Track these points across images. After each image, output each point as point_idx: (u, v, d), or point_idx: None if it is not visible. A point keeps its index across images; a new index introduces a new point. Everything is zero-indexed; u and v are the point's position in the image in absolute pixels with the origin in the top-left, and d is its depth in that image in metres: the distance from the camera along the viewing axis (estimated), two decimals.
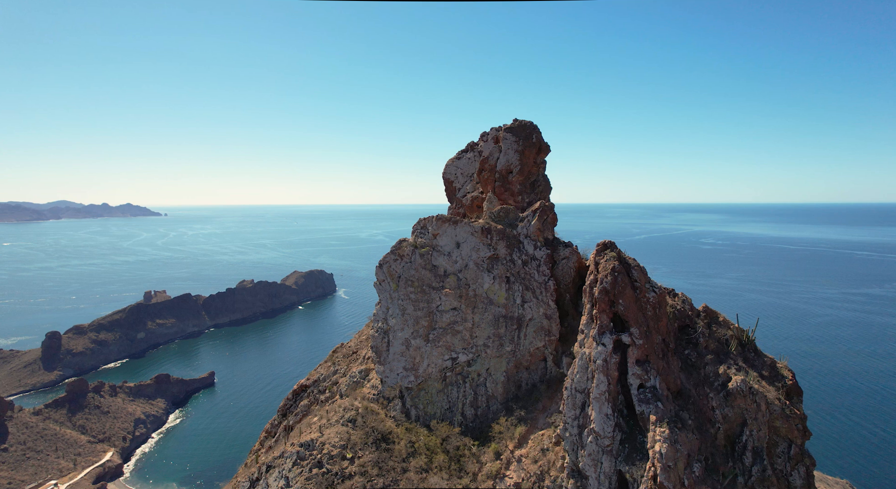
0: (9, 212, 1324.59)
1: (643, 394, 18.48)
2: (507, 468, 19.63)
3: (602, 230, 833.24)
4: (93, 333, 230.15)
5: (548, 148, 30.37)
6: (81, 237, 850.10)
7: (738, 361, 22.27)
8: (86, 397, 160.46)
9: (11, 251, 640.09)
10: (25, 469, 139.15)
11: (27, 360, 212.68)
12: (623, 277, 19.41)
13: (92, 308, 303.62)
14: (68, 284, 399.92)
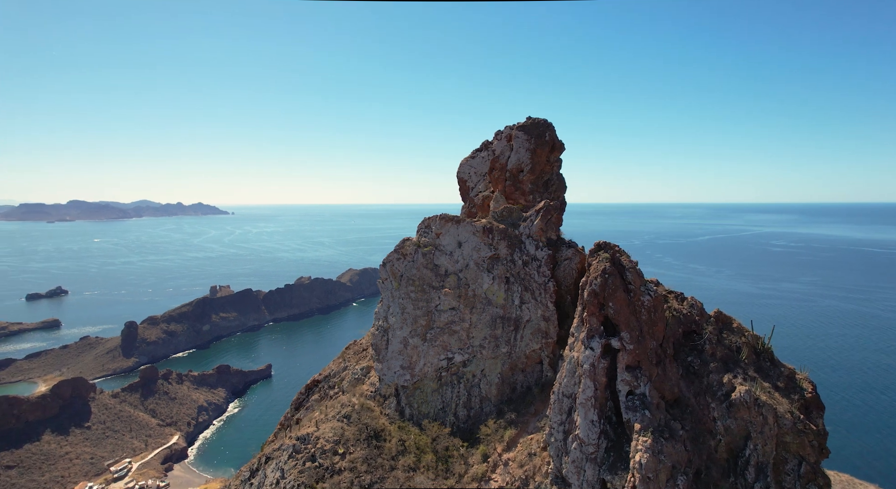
0: (99, 211, 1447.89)
1: (631, 402, 17.82)
2: (493, 471, 19.49)
3: (661, 230, 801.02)
4: (164, 324, 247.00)
5: (562, 146, 29.73)
6: (158, 234, 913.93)
7: (748, 371, 20.96)
8: (156, 383, 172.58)
9: (100, 247, 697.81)
10: (105, 446, 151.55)
11: (109, 347, 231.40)
12: (614, 279, 18.77)
13: (165, 300, 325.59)
14: (146, 278, 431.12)
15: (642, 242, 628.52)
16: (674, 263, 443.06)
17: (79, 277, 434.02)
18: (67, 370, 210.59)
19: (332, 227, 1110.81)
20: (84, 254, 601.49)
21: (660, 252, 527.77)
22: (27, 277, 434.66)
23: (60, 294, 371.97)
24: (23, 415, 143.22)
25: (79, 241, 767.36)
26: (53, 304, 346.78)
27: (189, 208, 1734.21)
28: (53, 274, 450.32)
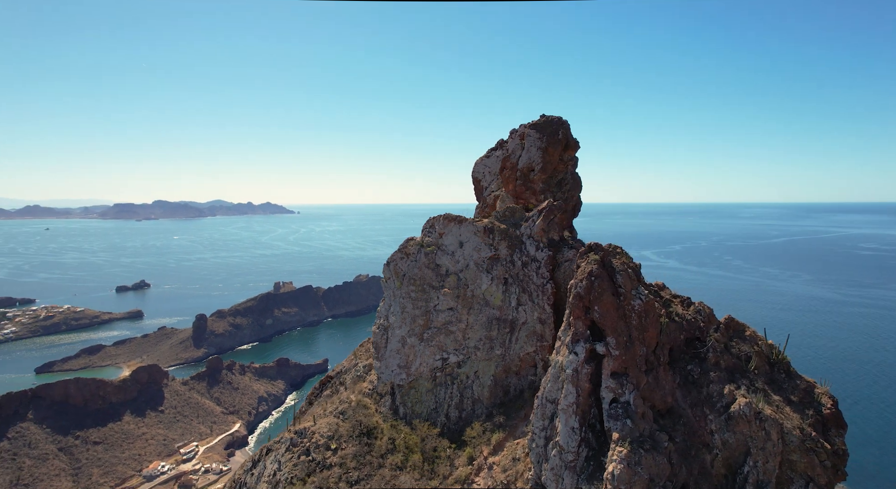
0: (179, 210, 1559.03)
1: (614, 410, 17.16)
2: (477, 474, 19.33)
3: (731, 232, 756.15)
4: (231, 318, 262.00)
5: (576, 144, 28.96)
6: (230, 232, 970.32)
7: (755, 382, 19.56)
8: (221, 373, 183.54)
9: (179, 243, 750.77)
10: (175, 429, 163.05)
11: (182, 338, 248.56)
12: (601, 282, 18.13)
13: (233, 295, 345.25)
14: (217, 273, 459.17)
15: (709, 244, 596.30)
16: (743, 266, 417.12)
17: (159, 272, 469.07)
18: (147, 357, 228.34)
19: (392, 226, 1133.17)
20: (165, 251, 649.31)
21: (728, 254, 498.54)
22: (117, 271, 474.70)
23: (144, 287, 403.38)
24: (107, 397, 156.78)
25: (161, 238, 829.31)
26: (138, 296, 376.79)
27: (258, 207, 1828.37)
28: (139, 268, 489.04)
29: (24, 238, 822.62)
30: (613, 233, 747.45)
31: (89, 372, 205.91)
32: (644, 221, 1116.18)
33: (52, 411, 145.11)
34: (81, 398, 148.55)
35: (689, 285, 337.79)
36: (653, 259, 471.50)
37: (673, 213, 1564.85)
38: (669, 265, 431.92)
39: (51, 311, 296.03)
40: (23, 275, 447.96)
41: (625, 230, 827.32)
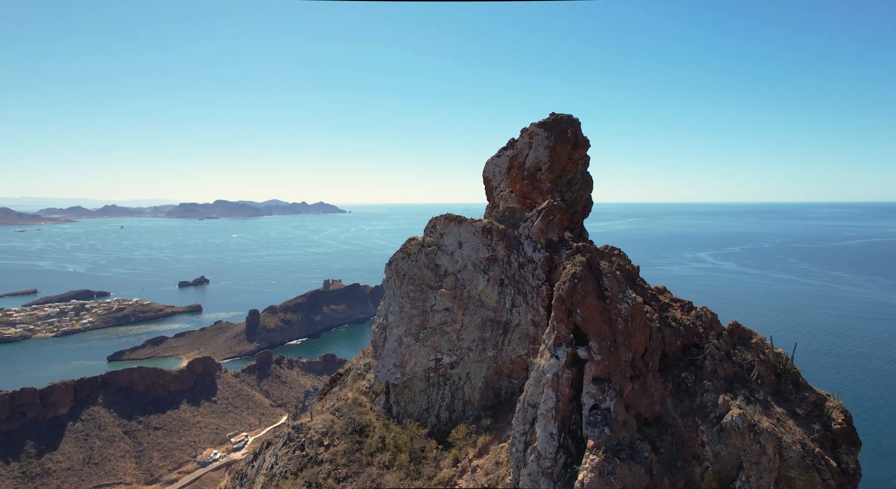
0: (238, 209, 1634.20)
1: (593, 417, 16.69)
2: (460, 476, 19.26)
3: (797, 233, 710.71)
4: (281, 313, 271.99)
5: (586, 143, 28.27)
6: (284, 231, 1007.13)
7: (757, 392, 18.48)
8: (270, 367, 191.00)
9: (237, 241, 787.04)
10: (227, 419, 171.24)
11: (236, 332, 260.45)
12: (585, 285, 17.65)
13: (284, 291, 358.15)
14: (270, 271, 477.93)
15: (772, 245, 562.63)
16: (811, 270, 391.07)
17: (218, 268, 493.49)
18: (203, 349, 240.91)
19: None
20: (224, 248, 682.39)
21: (794, 256, 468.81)
22: (180, 267, 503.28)
23: (203, 282, 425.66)
24: (166, 386, 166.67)
25: (220, 236, 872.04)
26: (198, 291, 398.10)
27: (312, 207, 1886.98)
28: (199, 265, 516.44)
29: (103, 235, 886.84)
30: (666, 233, 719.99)
31: (153, 361, 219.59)
32: (701, 222, 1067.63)
33: (118, 397, 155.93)
34: (144, 386, 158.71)
35: (747, 289, 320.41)
36: (708, 261, 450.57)
37: (733, 214, 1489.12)
38: (726, 268, 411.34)
39: (122, 304, 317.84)
40: (100, 270, 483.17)
41: (679, 231, 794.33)
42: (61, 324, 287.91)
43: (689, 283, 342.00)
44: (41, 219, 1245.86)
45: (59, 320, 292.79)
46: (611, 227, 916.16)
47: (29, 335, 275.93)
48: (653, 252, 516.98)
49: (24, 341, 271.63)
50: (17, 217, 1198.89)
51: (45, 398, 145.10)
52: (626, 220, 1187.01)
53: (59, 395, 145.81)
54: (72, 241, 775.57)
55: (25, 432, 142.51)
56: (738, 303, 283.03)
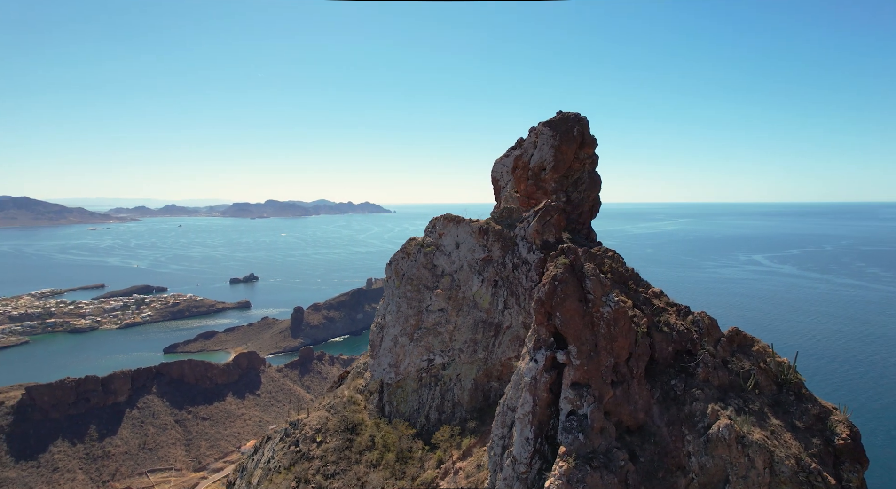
0: (287, 209, 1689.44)
1: (569, 422, 16.33)
2: (442, 478, 19.23)
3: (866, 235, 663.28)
4: (325, 311, 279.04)
5: (593, 142, 27.63)
6: (331, 230, 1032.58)
7: (752, 402, 17.52)
8: (311, 363, 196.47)
9: (286, 240, 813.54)
10: (270, 412, 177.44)
11: (282, 328, 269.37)
12: (565, 287, 17.28)
13: (329, 289, 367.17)
14: (316, 269, 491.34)
15: (837, 248, 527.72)
16: (882, 275, 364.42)
17: (267, 266, 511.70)
18: (251, 344, 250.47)
19: None
20: (273, 247, 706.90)
21: (862, 260, 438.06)
22: (231, 264, 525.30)
23: (253, 280, 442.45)
24: (214, 378, 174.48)
25: (270, 235, 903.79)
26: (248, 288, 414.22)
27: (358, 207, 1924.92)
28: (250, 262, 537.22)
29: (163, 233, 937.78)
30: (720, 234, 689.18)
31: (203, 354, 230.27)
32: (759, 223, 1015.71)
33: (170, 387, 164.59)
34: (193, 377, 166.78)
35: (806, 294, 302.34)
36: (763, 264, 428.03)
37: (794, 214, 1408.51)
38: (783, 271, 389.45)
39: (177, 299, 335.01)
40: (159, 267, 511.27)
41: (734, 232, 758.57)
42: (124, 317, 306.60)
43: (741, 287, 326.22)
44: (110, 218, 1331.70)
45: (122, 313, 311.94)
46: (658, 227, 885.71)
47: (96, 326, 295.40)
48: (704, 253, 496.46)
49: (92, 332, 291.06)
50: (90, 216, 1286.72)
51: (106, 386, 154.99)
52: (677, 220, 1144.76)
53: (119, 384, 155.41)
54: (136, 238, 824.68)
55: (89, 417, 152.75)
56: (795, 309, 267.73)
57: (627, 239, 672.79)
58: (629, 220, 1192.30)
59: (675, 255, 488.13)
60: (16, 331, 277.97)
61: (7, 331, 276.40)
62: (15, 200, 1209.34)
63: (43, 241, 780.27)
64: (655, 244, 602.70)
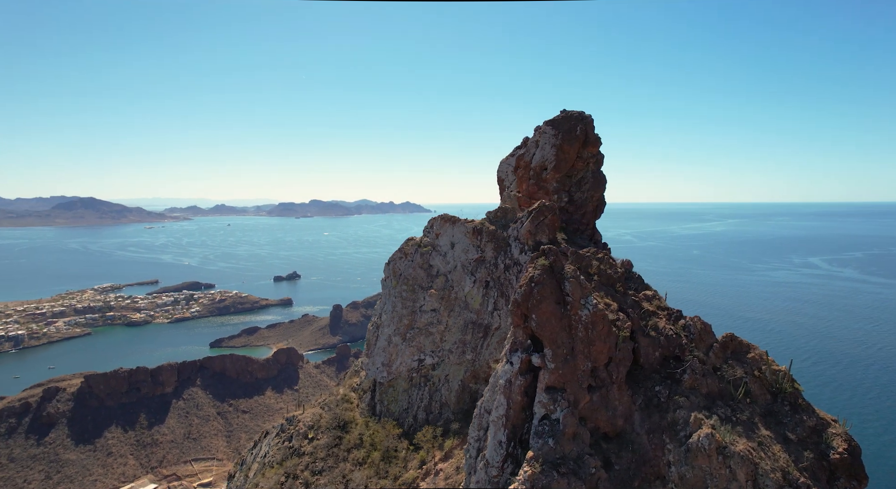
0: (330, 209, 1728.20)
1: (542, 427, 16.04)
2: (423, 478, 19.20)
3: None
4: (363, 309, 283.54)
5: (597, 141, 26.97)
6: (372, 230, 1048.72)
7: (741, 412, 16.69)
8: (347, 360, 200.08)
9: (328, 239, 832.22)
10: None
11: (321, 325, 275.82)
12: (542, 289, 16.98)
13: (368, 288, 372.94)
14: (357, 268, 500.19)
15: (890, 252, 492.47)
16: None
17: (309, 264, 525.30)
18: (291, 340, 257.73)
19: None
20: (316, 245, 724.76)
21: None
22: (276, 262, 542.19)
23: (295, 277, 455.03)
24: (254, 373, 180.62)
25: (313, 234, 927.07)
26: (290, 286, 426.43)
27: (399, 207, 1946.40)
28: (293, 261, 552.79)
29: (213, 232, 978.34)
30: (773, 236, 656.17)
31: (246, 350, 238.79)
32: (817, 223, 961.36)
33: (213, 380, 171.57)
34: (235, 371, 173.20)
35: (869, 300, 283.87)
36: (821, 267, 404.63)
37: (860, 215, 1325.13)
38: (843, 275, 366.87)
39: (224, 296, 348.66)
40: (208, 264, 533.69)
41: (789, 233, 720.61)
42: (175, 312, 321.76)
43: (793, 291, 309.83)
44: (166, 217, 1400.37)
45: (173, 308, 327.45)
46: (706, 228, 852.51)
47: (150, 320, 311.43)
48: (754, 255, 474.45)
49: (146, 325, 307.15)
50: (147, 215, 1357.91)
51: (155, 377, 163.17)
52: (726, 220, 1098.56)
53: (166, 375, 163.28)
54: (188, 237, 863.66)
55: (140, 406, 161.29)
56: (854, 315, 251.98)
57: (671, 240, 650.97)
58: (674, 220, 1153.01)
59: (723, 257, 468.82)
60: (80, 322, 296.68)
61: (73, 322, 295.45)
62: (83, 201, 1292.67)
63: (106, 238, 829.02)
64: (703, 245, 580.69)
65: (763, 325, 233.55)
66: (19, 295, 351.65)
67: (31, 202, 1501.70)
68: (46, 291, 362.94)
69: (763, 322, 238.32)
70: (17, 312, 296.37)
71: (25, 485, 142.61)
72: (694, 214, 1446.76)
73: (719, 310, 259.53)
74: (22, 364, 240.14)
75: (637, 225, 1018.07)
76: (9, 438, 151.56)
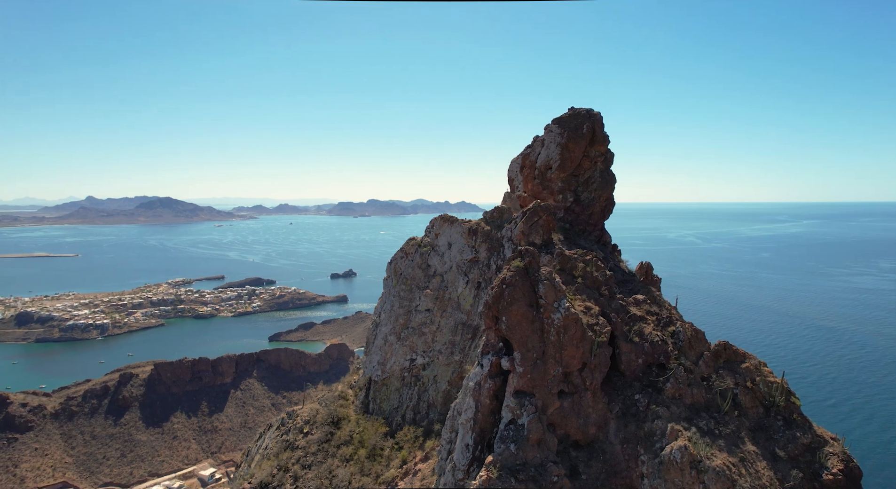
0: (387, 208, 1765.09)
1: (507, 432, 15.73)
2: (402, 478, 19.23)
3: None
4: None
5: (605, 139, 26.09)
6: None
7: (725, 425, 15.65)
8: None
9: (384, 238, 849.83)
10: None
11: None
12: (513, 291, 16.64)
13: None
14: None
15: None
16: None
17: (365, 262, 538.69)
18: (344, 336, 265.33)
19: None
20: (372, 244, 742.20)
21: None
22: (333, 260, 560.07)
23: (351, 275, 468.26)
24: (306, 366, 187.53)
25: (370, 233, 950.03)
26: (346, 283, 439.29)
27: (454, 206, 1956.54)
28: (350, 259, 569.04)
29: (276, 230, 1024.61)
30: (856, 238, 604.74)
31: (302, 344, 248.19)
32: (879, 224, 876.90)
33: (268, 372, 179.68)
34: (289, 365, 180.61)
35: None
36: None
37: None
38: None
39: (283, 292, 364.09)
40: (270, 261, 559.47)
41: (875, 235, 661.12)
42: (238, 306, 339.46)
43: (880, 298, 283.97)
44: (233, 216, 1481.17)
45: (236, 302, 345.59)
46: (779, 229, 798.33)
47: (215, 313, 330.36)
48: (833, 259, 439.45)
49: (211, 318, 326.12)
50: (217, 214, 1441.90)
51: (216, 367, 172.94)
52: (801, 221, 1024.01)
53: (225, 366, 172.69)
54: (253, 235, 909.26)
55: (201, 394, 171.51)
56: None
57: (738, 241, 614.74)
58: (742, 221, 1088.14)
59: (797, 260, 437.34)
60: (155, 314, 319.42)
61: (148, 314, 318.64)
62: (161, 200, 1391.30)
63: (180, 236, 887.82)
64: (774, 247, 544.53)
65: (841, 335, 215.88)
66: (106, 287, 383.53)
67: (118, 202, 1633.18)
68: (128, 284, 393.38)
69: (842, 331, 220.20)
70: (104, 303, 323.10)
71: (104, 460, 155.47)
72: (765, 215, 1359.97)
73: (790, 318, 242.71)
74: (106, 350, 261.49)
75: (701, 226, 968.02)
76: (91, 417, 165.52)
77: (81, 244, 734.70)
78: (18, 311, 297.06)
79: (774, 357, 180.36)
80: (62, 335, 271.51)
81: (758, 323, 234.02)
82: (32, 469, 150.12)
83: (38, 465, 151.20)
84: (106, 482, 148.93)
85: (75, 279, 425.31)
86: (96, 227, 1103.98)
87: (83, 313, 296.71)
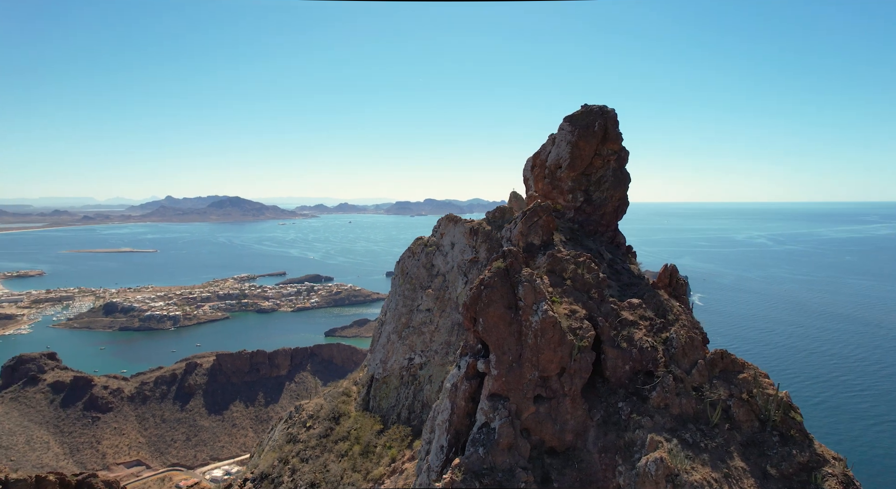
0: (444, 207, 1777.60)
1: (479, 435, 15.49)
2: (389, 477, 19.29)
3: None
4: None
5: (618, 136, 25.09)
6: None
7: (712, 438, 14.65)
8: None
9: None
10: None
11: None
12: (491, 292, 16.34)
13: None
14: None
15: None
16: None
17: None
18: None
19: (642, 226, 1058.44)
20: None
21: None
22: (389, 258, 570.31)
23: None
24: (358, 362, 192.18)
25: (426, 232, 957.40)
26: None
27: None
28: None
29: (336, 229, 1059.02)
30: None
31: (356, 340, 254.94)
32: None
33: (321, 366, 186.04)
34: (341, 359, 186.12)
35: None
36: None
37: None
38: None
39: (340, 288, 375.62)
40: (329, 258, 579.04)
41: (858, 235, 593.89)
42: (297, 302, 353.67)
43: None
44: (296, 214, 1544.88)
45: (296, 298, 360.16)
46: (866, 231, 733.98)
47: (276, 308, 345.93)
48: None
49: (272, 313, 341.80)
50: (281, 212, 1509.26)
51: (272, 360, 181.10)
52: (893, 222, 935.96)
53: (281, 359, 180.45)
54: (313, 233, 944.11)
55: (258, 385, 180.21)
56: None
57: (819, 244, 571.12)
58: (824, 221, 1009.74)
59: (886, 265, 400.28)
60: (221, 308, 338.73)
61: (216, 307, 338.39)
62: (230, 200, 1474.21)
63: (246, 233, 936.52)
64: (859, 251, 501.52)
65: None
66: (179, 281, 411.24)
67: (193, 201, 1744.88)
68: (198, 278, 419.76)
69: None
70: (176, 296, 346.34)
71: (172, 442, 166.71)
72: (850, 216, 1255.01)
73: (874, 327, 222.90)
74: (178, 340, 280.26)
75: (775, 227, 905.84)
76: (161, 402, 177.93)
77: (160, 240, 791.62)
78: (106, 302, 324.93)
79: (846, 368, 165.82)
80: (141, 325, 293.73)
81: (834, 333, 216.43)
82: (112, 446, 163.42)
83: (116, 444, 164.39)
84: (174, 462, 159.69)
85: (153, 273, 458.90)
86: (173, 224, 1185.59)
87: (159, 305, 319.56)
